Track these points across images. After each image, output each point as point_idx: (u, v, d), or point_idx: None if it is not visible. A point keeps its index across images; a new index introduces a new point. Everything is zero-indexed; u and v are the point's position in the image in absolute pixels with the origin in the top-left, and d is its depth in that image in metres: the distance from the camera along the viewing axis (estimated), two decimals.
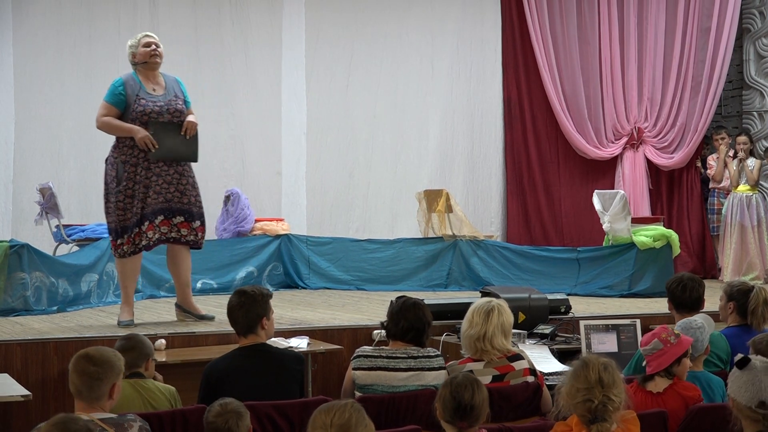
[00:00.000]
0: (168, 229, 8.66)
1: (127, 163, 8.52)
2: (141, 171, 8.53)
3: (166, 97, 8.68)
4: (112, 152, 8.62)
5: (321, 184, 14.19)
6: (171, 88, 8.78)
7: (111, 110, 8.54)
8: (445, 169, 14.64)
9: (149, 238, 8.59)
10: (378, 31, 14.46)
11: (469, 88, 14.85)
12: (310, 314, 9.61)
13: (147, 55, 8.67)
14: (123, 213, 8.52)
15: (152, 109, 8.55)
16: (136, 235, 8.56)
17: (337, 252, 12.60)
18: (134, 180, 8.52)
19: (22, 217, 12.42)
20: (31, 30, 12.82)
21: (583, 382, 4.67)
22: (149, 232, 8.57)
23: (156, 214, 8.58)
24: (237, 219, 12.54)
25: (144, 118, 8.51)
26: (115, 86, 8.60)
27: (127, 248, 8.57)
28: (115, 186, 8.51)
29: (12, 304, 9.60)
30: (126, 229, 8.54)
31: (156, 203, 8.57)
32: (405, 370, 6.12)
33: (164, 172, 8.60)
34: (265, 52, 13.96)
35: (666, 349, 5.66)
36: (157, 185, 8.56)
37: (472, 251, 12.42)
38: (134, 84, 8.60)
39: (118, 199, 8.50)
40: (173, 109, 8.66)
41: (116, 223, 8.54)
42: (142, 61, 8.68)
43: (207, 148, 13.28)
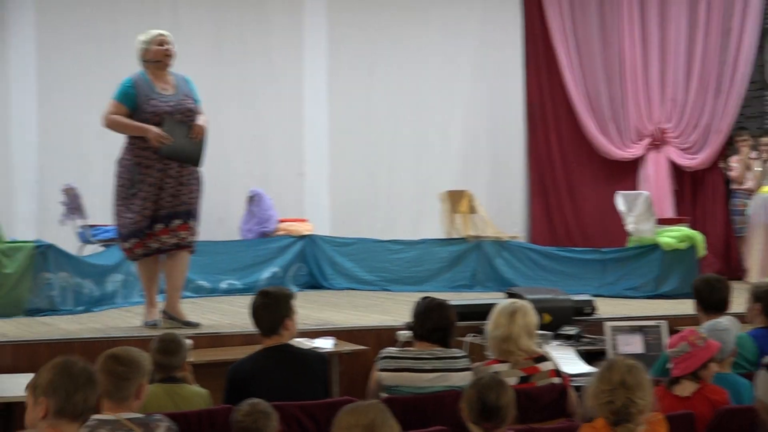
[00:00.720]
0: (187, 234, 8.54)
1: (141, 165, 8.35)
2: (155, 173, 8.35)
3: (177, 96, 8.48)
4: (125, 154, 8.45)
5: (344, 184, 14.19)
6: (181, 87, 8.58)
7: (120, 108, 8.35)
8: (468, 170, 14.61)
9: (163, 242, 8.45)
10: (400, 32, 14.45)
11: (491, 89, 14.83)
12: (335, 315, 9.62)
13: (160, 54, 8.49)
14: (133, 216, 8.36)
15: (164, 109, 8.35)
16: (148, 237, 8.41)
17: (361, 252, 12.61)
18: (147, 182, 8.35)
19: (47, 217, 12.46)
20: (53, 31, 12.87)
21: (606, 384, 4.67)
22: (163, 236, 8.43)
23: (171, 218, 8.44)
24: (260, 220, 12.56)
25: (155, 119, 8.31)
26: (125, 85, 8.42)
27: (139, 251, 8.45)
28: (128, 188, 8.36)
29: (38, 305, 9.64)
30: (137, 232, 8.38)
31: (171, 206, 8.41)
32: (431, 371, 6.11)
33: (178, 174, 8.44)
34: (287, 53, 13.97)
35: (694, 352, 5.63)
36: (172, 187, 8.40)
37: (496, 252, 12.40)
38: (144, 83, 8.42)
39: (131, 202, 8.34)
40: (184, 109, 8.46)
41: (127, 226, 8.39)
42: (154, 60, 8.49)
43: (230, 149, 13.40)
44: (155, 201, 8.38)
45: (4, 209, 11.90)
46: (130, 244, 8.44)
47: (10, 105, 12.65)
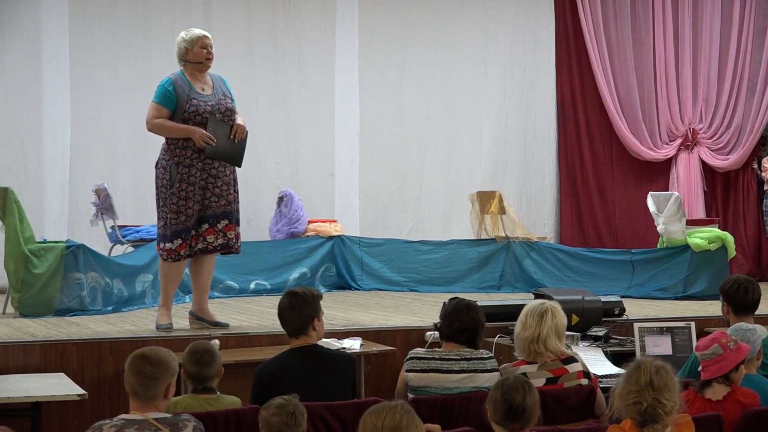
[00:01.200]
0: (233, 234, 8.52)
1: (181, 165, 8.30)
2: (196, 172, 8.31)
3: (216, 96, 8.47)
4: (164, 155, 8.40)
5: (374, 185, 14.20)
6: (218, 87, 8.56)
7: (162, 111, 8.30)
8: (498, 171, 14.60)
9: (208, 243, 8.41)
10: (431, 32, 14.44)
11: (523, 89, 14.81)
12: (363, 315, 9.63)
13: (202, 56, 8.43)
14: (176, 216, 8.30)
15: (204, 109, 8.33)
16: (193, 239, 8.38)
17: (390, 253, 12.60)
18: (188, 181, 8.30)
19: (78, 218, 12.53)
20: (86, 33, 12.93)
21: (634, 384, 4.65)
22: (209, 236, 8.39)
23: (218, 218, 8.41)
24: (290, 220, 12.57)
25: (197, 119, 8.29)
26: (164, 87, 8.36)
27: (184, 252, 8.38)
28: (168, 189, 8.31)
29: (68, 304, 9.68)
30: (181, 232, 8.33)
31: (218, 206, 8.39)
32: (458, 372, 6.10)
33: (221, 173, 8.43)
34: (318, 54, 13.99)
35: (726, 354, 5.59)
36: (216, 187, 8.39)
37: (525, 253, 12.38)
38: (183, 84, 8.37)
39: (171, 201, 8.29)
40: (224, 108, 8.46)
41: (170, 227, 8.32)
42: (195, 61, 8.44)
43: (260, 150, 13.43)
44: (200, 201, 8.36)
45: (35, 209, 11.94)
46: (174, 245, 8.35)
47: (43, 105, 12.70)
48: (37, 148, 12.68)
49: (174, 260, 8.43)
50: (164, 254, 8.44)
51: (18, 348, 7.62)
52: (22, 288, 9.59)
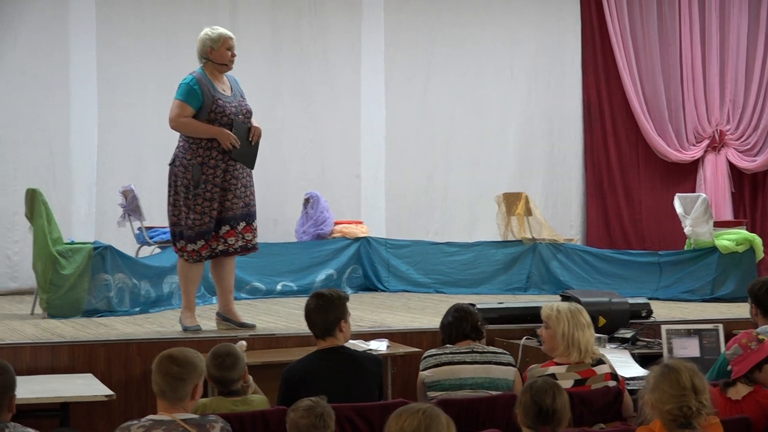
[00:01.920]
0: (252, 235, 8.51)
1: (205, 165, 8.24)
2: (220, 173, 8.27)
3: (235, 97, 8.43)
4: (184, 154, 8.31)
5: (400, 187, 14.20)
6: (236, 88, 8.53)
7: (186, 110, 8.22)
8: (524, 172, 14.58)
9: (229, 245, 8.38)
10: (456, 34, 14.44)
11: (549, 90, 14.79)
12: (390, 317, 9.62)
13: (226, 58, 8.37)
14: (200, 217, 8.26)
15: (230, 110, 8.30)
16: (213, 239, 8.36)
17: (416, 255, 12.59)
18: (213, 182, 8.25)
19: (105, 219, 12.57)
20: (113, 34, 12.97)
21: (676, 388, 4.61)
22: (230, 238, 8.36)
23: (238, 220, 8.38)
24: (316, 222, 12.58)
25: (223, 120, 8.24)
26: (189, 85, 8.28)
27: (205, 253, 8.36)
28: (191, 189, 8.24)
29: (96, 305, 9.71)
30: (203, 233, 8.29)
31: (237, 208, 8.36)
32: (471, 363, 6.19)
33: (241, 174, 8.39)
34: (344, 56, 14.00)
35: (746, 354, 5.59)
36: (237, 189, 8.35)
37: (551, 255, 12.35)
38: (207, 83, 8.29)
39: (196, 202, 8.24)
40: (245, 110, 8.44)
41: (191, 228, 8.28)
42: (219, 62, 8.37)
43: (286, 151, 13.48)
44: (221, 202, 8.32)
45: (63, 211, 11.99)
46: (196, 246, 8.31)
47: (70, 107, 12.76)
48: (64, 150, 12.74)
49: (195, 261, 8.41)
50: (185, 255, 8.40)
51: (46, 349, 7.65)
52: (50, 289, 9.63)
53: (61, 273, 9.64)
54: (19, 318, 9.67)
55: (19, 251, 12.23)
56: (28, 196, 9.92)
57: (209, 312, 9.28)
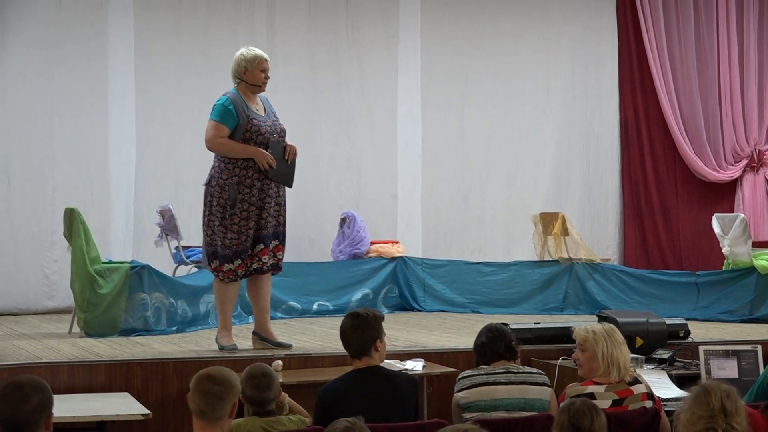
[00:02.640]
0: (282, 254, 8.58)
1: (242, 185, 8.30)
2: (256, 192, 8.34)
3: (269, 117, 8.51)
4: (220, 174, 8.36)
5: (436, 206, 14.20)
6: (268, 108, 8.61)
7: (222, 130, 8.29)
8: (561, 192, 14.55)
9: (263, 263, 8.44)
10: (493, 52, 14.43)
11: (585, 109, 14.75)
12: (426, 337, 9.61)
13: (260, 79, 8.44)
14: (237, 237, 8.32)
15: (265, 129, 8.37)
16: (249, 258, 8.42)
17: (452, 275, 12.58)
18: (249, 201, 8.32)
19: (143, 238, 12.62)
20: (151, 54, 13.03)
21: (705, 410, 4.58)
22: (264, 256, 8.42)
23: (271, 239, 8.45)
24: (353, 241, 12.60)
25: (259, 139, 8.31)
26: (223, 105, 8.35)
27: (241, 272, 8.42)
28: (228, 209, 8.29)
29: (133, 324, 9.75)
30: (240, 252, 8.35)
31: (270, 227, 8.42)
32: (506, 383, 6.16)
33: (275, 193, 8.45)
34: (380, 78, 14.03)
35: None
36: (271, 207, 8.41)
37: (588, 275, 12.30)
38: (241, 103, 8.37)
39: (232, 222, 8.29)
40: (279, 129, 8.50)
41: (228, 247, 8.33)
42: (252, 83, 8.44)
43: (323, 171, 13.51)
44: (257, 221, 8.37)
45: (101, 230, 12.05)
46: (233, 266, 8.36)
47: (109, 126, 12.80)
48: (103, 170, 12.79)
49: (231, 281, 8.46)
50: (221, 275, 8.45)
51: (83, 368, 7.69)
52: (88, 308, 9.68)
53: (98, 292, 9.70)
54: (57, 337, 9.73)
55: (57, 270, 12.28)
56: (67, 216, 9.98)
57: (245, 331, 9.30)
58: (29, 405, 4.21)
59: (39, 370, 7.37)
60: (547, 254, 12.71)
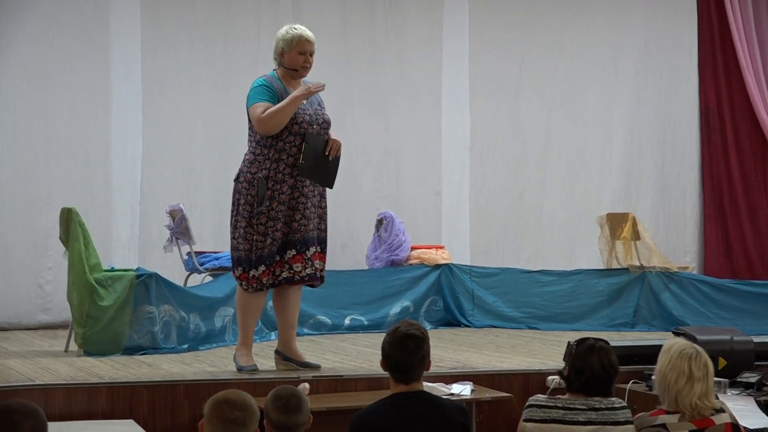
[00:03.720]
0: (322, 265, 8.47)
1: (271, 179, 8.25)
2: (287, 189, 8.27)
3: (312, 105, 8.44)
4: (248, 167, 8.32)
5: (487, 206, 14.19)
6: (313, 95, 8.51)
7: (264, 107, 8.21)
8: (631, 190, 14.52)
9: (295, 272, 8.34)
10: (552, 30, 14.41)
11: (660, 94, 14.72)
12: (475, 356, 9.60)
13: (298, 63, 8.39)
14: (263, 239, 8.26)
15: (303, 118, 8.31)
16: (277, 265, 8.35)
17: (505, 285, 12.57)
18: (278, 200, 8.25)
19: (150, 243, 12.66)
20: (160, 34, 13.02)
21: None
22: (296, 264, 8.33)
23: (307, 244, 8.36)
24: (391, 246, 12.60)
25: (294, 128, 8.25)
26: (260, 86, 8.33)
27: (267, 280, 8.34)
28: (255, 207, 8.24)
29: (138, 341, 9.78)
30: (265, 257, 8.28)
31: (306, 230, 8.34)
32: (585, 423, 6.04)
33: (311, 193, 8.39)
34: (423, 56, 14.02)
35: None
36: (306, 209, 8.34)
37: (663, 285, 12.26)
38: (279, 86, 8.35)
39: (259, 221, 8.24)
40: (322, 120, 8.45)
41: (252, 251, 8.27)
42: (290, 67, 8.41)
43: (357, 166, 13.49)
44: (287, 223, 8.32)
45: (102, 233, 12.09)
46: (258, 272, 8.30)
47: (111, 115, 12.79)
48: (104, 164, 12.81)
49: (256, 290, 8.39)
50: (244, 283, 8.40)
51: (82, 391, 7.71)
52: (87, 323, 9.72)
53: (99, 304, 9.73)
54: (52, 355, 9.77)
55: (52, 279, 12.33)
56: (63, 216, 10.02)
57: (267, 350, 9.31)
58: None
59: (31, 394, 7.40)
60: (615, 261, 12.69)
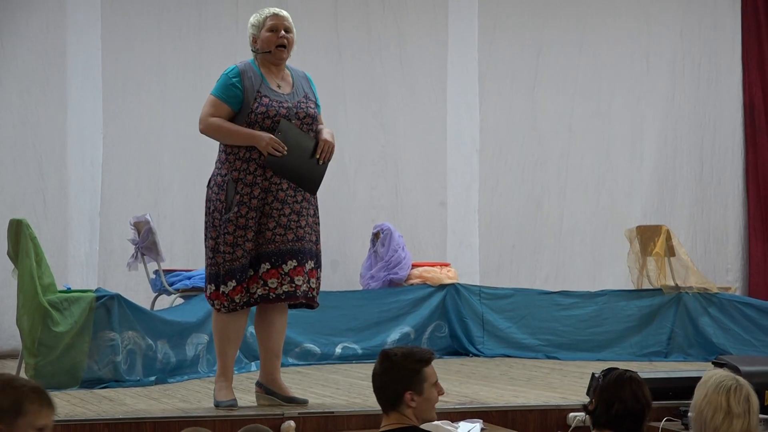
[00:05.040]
0: (304, 280, 8.36)
1: (241, 182, 8.19)
2: (258, 193, 8.20)
3: (295, 97, 8.38)
4: (219, 169, 8.31)
5: (499, 217, 14.21)
6: (300, 85, 8.49)
7: (221, 109, 8.22)
8: (664, 199, 14.55)
9: (270, 288, 8.25)
10: (574, 15, 14.46)
11: (698, 90, 14.76)
12: (485, 390, 9.62)
13: (270, 42, 8.33)
14: (232, 250, 8.17)
15: (277, 111, 8.22)
16: (251, 281, 8.27)
17: (520, 308, 12.58)
18: (248, 205, 8.18)
19: (112, 260, 12.67)
20: (124, 17, 13.04)
21: None
22: (271, 280, 8.25)
23: (284, 257, 8.27)
24: (388, 264, 12.62)
25: (267, 123, 8.19)
26: (228, 76, 8.29)
27: (239, 298, 8.24)
28: (223, 214, 8.18)
29: (99, 373, 9.79)
30: (234, 271, 8.20)
31: (283, 241, 8.26)
32: None
33: (291, 198, 8.29)
34: (425, 45, 14.06)
35: None
36: (283, 216, 8.25)
37: (701, 308, 12.28)
38: (254, 76, 8.31)
39: (227, 230, 8.16)
40: (303, 114, 8.36)
41: (221, 264, 8.21)
42: (265, 50, 8.36)
43: (350, 170, 13.52)
44: (260, 232, 8.25)
45: (56, 248, 12.11)
46: (228, 288, 8.21)
47: (67, 112, 12.79)
48: (59, 168, 12.82)
49: (229, 310, 8.30)
50: (216, 303, 8.33)
51: None
52: (39, 351, 9.72)
53: (53, 330, 9.73)
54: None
55: None
56: (12, 229, 10.02)
57: (247, 382, 9.32)
58: None
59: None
60: (647, 281, 12.70)
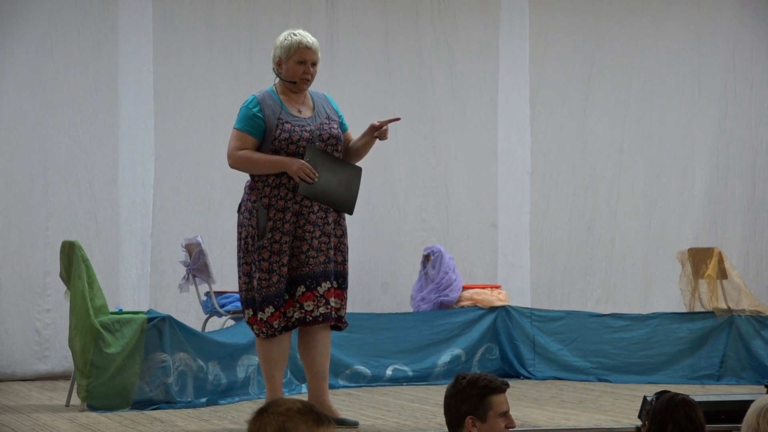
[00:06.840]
0: (341, 302, 8.47)
1: (272, 208, 8.28)
2: (290, 217, 8.29)
3: (316, 120, 8.47)
4: (249, 195, 8.40)
5: (550, 239, 14.19)
6: (321, 107, 8.57)
7: (247, 140, 8.33)
8: (717, 221, 14.48)
9: (306, 311, 8.34)
10: (625, 37, 14.42)
11: (750, 111, 14.69)
12: (536, 413, 9.60)
13: (297, 74, 8.44)
14: (268, 276, 8.26)
15: (300, 135, 8.31)
16: (288, 305, 8.36)
17: (571, 330, 12.54)
18: (282, 230, 8.26)
19: (163, 281, 12.70)
20: (176, 39, 13.06)
21: None
22: (307, 302, 8.33)
23: (318, 279, 8.35)
24: (439, 286, 12.61)
25: (291, 148, 8.28)
26: (248, 108, 8.40)
27: (278, 323, 8.34)
28: (256, 240, 8.27)
29: (150, 394, 9.81)
30: (272, 297, 8.29)
31: (316, 264, 8.33)
32: None
33: (321, 220, 8.37)
34: (476, 65, 14.05)
35: None
36: (315, 239, 8.32)
37: (754, 331, 12.22)
38: (273, 103, 8.40)
39: (261, 257, 8.25)
40: (327, 135, 8.44)
41: (257, 290, 8.29)
42: (287, 79, 8.47)
43: (400, 192, 13.51)
44: (294, 255, 8.33)
45: (108, 269, 12.16)
46: (266, 315, 8.30)
47: (119, 135, 12.81)
48: (111, 190, 12.84)
49: (268, 336, 8.39)
50: (254, 327, 8.42)
51: None
52: (92, 373, 9.76)
53: (105, 352, 9.77)
54: (51, 410, 9.83)
55: (51, 323, 12.38)
56: (65, 251, 10.07)
57: None
58: None
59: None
60: (699, 304, 12.65)
